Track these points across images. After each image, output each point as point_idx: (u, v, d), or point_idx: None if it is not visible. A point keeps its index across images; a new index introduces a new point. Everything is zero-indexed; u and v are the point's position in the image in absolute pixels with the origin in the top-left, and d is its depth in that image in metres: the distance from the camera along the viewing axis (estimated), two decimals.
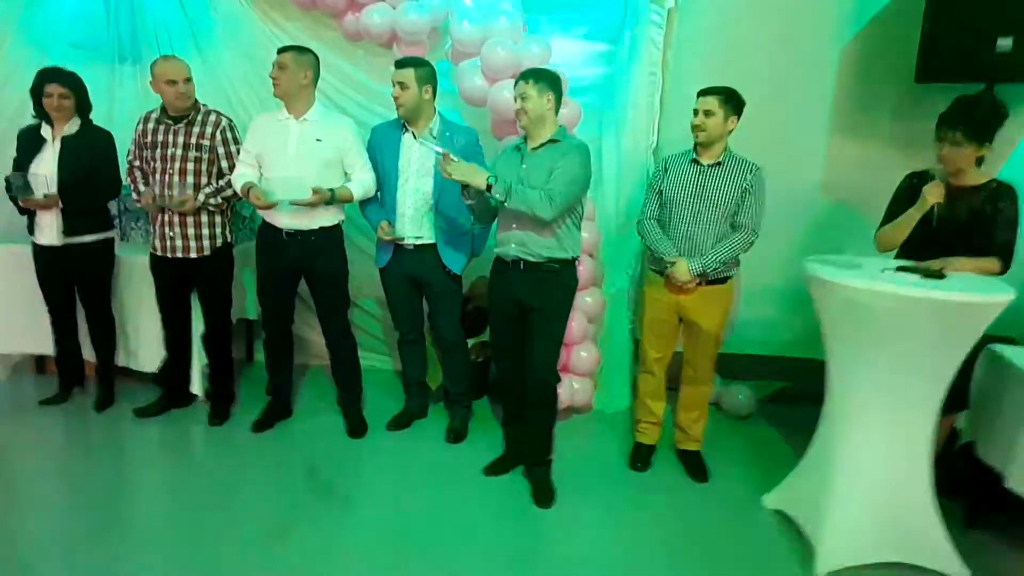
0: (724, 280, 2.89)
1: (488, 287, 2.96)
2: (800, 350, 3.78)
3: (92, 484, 2.85)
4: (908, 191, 2.76)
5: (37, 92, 3.15)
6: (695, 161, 2.88)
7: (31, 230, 3.29)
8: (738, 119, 2.83)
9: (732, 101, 2.81)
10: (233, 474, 2.96)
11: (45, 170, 3.17)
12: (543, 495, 2.80)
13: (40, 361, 3.85)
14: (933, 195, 2.56)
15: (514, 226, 2.70)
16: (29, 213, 3.25)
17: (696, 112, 2.83)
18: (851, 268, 2.40)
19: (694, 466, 3.09)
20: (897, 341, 2.25)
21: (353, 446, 3.25)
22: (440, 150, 2.63)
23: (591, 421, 3.60)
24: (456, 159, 2.61)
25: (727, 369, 3.66)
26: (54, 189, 3.16)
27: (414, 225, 3.12)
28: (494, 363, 3.18)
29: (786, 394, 3.84)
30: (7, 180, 3.18)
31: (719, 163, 2.84)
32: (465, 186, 2.64)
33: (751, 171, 2.82)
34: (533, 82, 2.63)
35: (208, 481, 2.90)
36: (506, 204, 2.58)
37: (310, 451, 3.16)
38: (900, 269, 2.40)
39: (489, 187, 2.56)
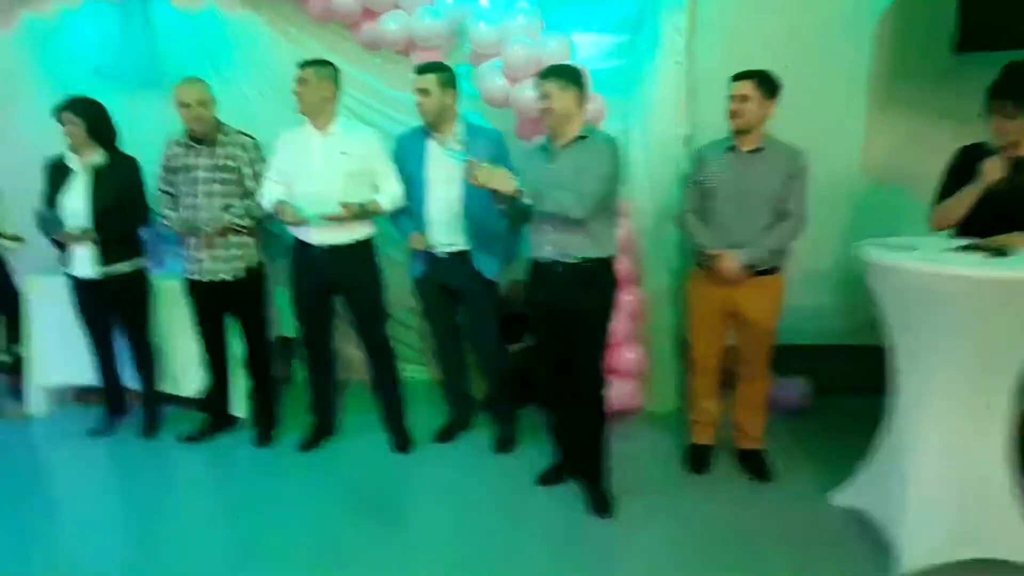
0: (774, 270, 2.78)
1: (526, 291, 2.88)
2: (851, 337, 3.65)
3: (142, 512, 2.84)
4: (962, 165, 2.62)
5: (57, 121, 3.16)
6: (733, 149, 2.78)
7: (66, 262, 3.29)
8: (775, 102, 2.72)
9: (768, 84, 2.70)
10: (283, 497, 2.91)
11: (76, 202, 3.17)
12: (601, 504, 2.72)
13: (83, 392, 3.83)
14: (993, 170, 2.42)
15: (548, 228, 2.62)
16: (63, 246, 3.24)
17: (731, 98, 2.73)
18: (908, 250, 2.28)
19: (755, 465, 2.97)
20: (967, 324, 2.13)
21: (400, 462, 3.20)
22: (466, 158, 2.56)
23: (640, 423, 3.49)
24: (483, 165, 2.54)
25: (777, 361, 3.54)
26: (86, 222, 3.15)
27: (445, 233, 3.07)
28: (538, 369, 3.10)
29: (841, 384, 3.69)
30: (38, 215, 3.18)
31: (760, 149, 2.73)
32: (495, 191, 2.57)
33: (794, 156, 2.71)
34: (555, 79, 2.55)
35: (259, 505, 2.86)
36: (537, 207, 2.51)
37: (357, 469, 3.12)
38: (962, 248, 2.27)
39: (518, 191, 2.49)
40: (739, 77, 2.72)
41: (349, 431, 3.45)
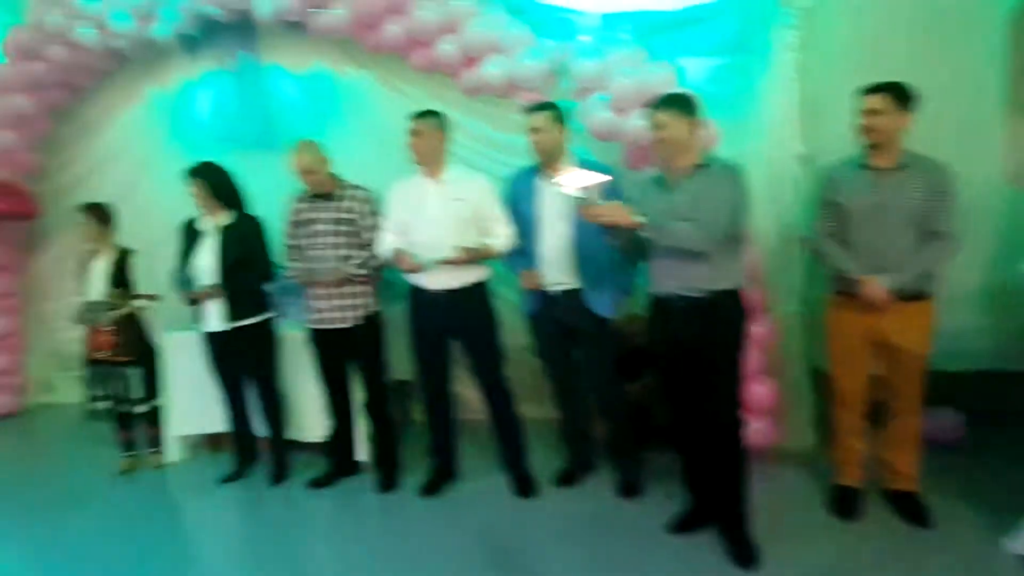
0: (923, 295, 2.57)
1: (649, 329, 2.78)
2: (1004, 361, 3.33)
3: (275, 559, 2.87)
4: None
5: (187, 185, 3.37)
6: (869, 167, 2.61)
7: (197, 318, 3.45)
8: (911, 115, 2.55)
9: (902, 96, 2.55)
10: (410, 544, 2.89)
11: (206, 261, 3.35)
12: (744, 553, 2.53)
13: (215, 439, 3.97)
14: None
15: (669, 261, 2.53)
16: (196, 302, 3.42)
17: (862, 113, 2.58)
18: None
19: (912, 509, 2.72)
20: None
21: (523, 507, 3.13)
22: (582, 195, 2.52)
23: (776, 462, 3.27)
24: (599, 201, 2.49)
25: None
26: (215, 280, 3.31)
27: (558, 270, 3.03)
28: (664, 408, 2.97)
29: (995, 413, 3.35)
30: (172, 275, 3.38)
31: (899, 166, 2.55)
32: (610, 228, 2.50)
33: (939, 171, 2.52)
34: (667, 109, 2.50)
35: (387, 553, 2.84)
36: (658, 240, 2.43)
37: (481, 514, 3.07)
38: None
39: (637, 225, 2.41)
40: (871, 91, 2.57)
41: (470, 474, 3.41)
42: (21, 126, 4.50)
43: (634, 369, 3.36)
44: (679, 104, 2.51)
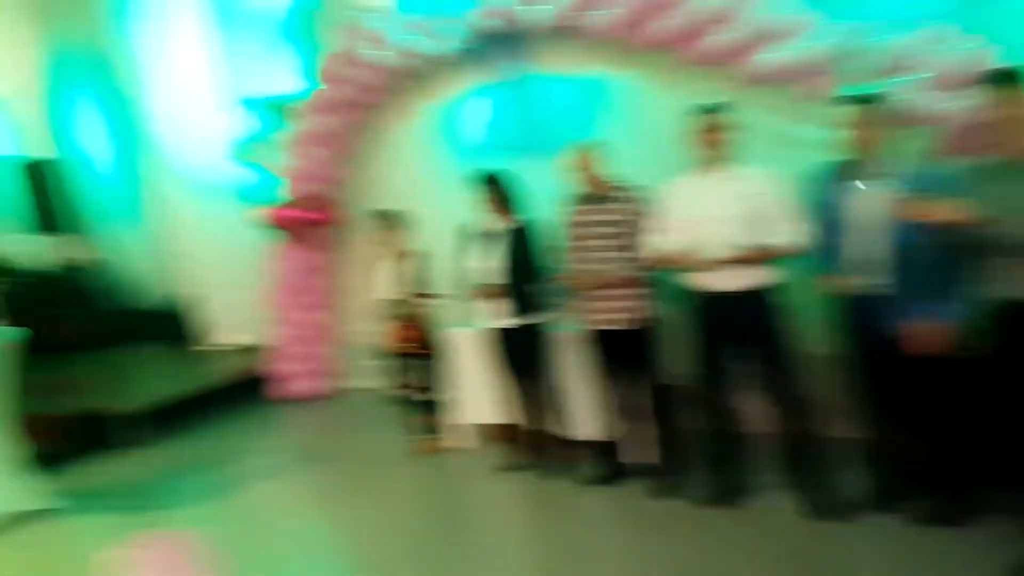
0: None
1: (990, 340, 2.40)
2: None
3: (549, 553, 2.98)
4: None
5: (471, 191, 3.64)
6: None
7: (479, 316, 3.69)
8: None
9: None
10: (695, 556, 2.80)
11: (492, 262, 3.55)
12: None
13: (497, 430, 4.12)
14: None
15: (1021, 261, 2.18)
16: (483, 301, 3.62)
17: None
18: None
19: None
20: None
21: (819, 531, 2.86)
22: (904, 192, 2.25)
23: None
24: (930, 198, 2.20)
25: None
26: (502, 280, 3.51)
27: (868, 274, 2.71)
28: (1003, 434, 2.53)
29: None
30: (458, 277, 3.65)
31: None
32: (939, 226, 2.20)
33: None
34: (1005, 85, 2.13)
35: (669, 563, 2.79)
36: (1005, 238, 2.09)
37: (773, 534, 2.88)
38: None
39: (976, 222, 2.10)
40: None
41: (757, 489, 3.18)
42: (332, 143, 5.19)
43: (962, 389, 2.88)
44: (1014, 79, 2.16)
